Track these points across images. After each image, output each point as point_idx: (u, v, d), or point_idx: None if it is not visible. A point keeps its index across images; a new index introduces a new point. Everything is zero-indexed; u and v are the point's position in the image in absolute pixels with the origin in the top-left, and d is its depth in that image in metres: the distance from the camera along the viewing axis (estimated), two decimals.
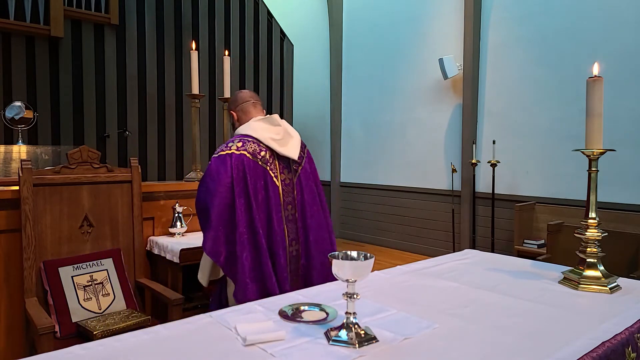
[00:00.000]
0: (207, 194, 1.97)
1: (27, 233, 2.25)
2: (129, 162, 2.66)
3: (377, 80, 7.10)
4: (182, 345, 1.20)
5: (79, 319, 2.19)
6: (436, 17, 6.29)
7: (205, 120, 5.87)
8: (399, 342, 1.21)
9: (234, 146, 2.03)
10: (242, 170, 1.98)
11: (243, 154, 2.01)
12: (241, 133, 2.12)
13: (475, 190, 5.83)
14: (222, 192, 1.94)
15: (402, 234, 6.78)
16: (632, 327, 1.33)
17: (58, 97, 4.93)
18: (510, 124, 5.57)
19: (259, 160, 2.04)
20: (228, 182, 1.95)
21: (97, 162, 2.52)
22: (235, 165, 1.97)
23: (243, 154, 2.01)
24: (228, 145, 2.04)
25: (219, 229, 1.94)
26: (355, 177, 7.51)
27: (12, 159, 3.78)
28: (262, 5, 6.49)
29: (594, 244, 1.72)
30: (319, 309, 1.44)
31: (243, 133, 2.11)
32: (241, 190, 1.96)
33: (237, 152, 2.00)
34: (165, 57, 5.61)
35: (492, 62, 5.73)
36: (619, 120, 4.57)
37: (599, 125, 1.70)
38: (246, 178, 1.98)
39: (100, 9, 5.08)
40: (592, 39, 4.85)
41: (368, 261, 1.19)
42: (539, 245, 4.88)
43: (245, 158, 2.00)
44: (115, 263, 2.44)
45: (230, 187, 1.95)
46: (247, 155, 2.01)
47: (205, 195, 1.98)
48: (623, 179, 4.62)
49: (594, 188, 1.73)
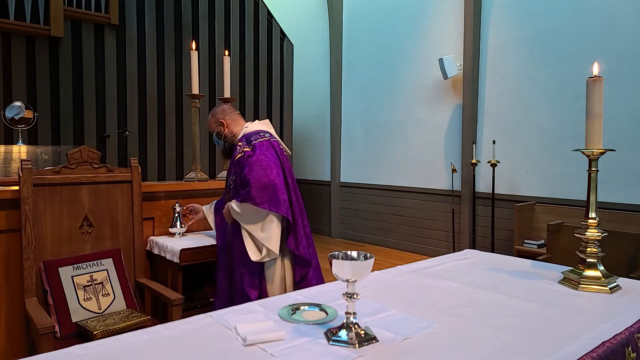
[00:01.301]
0: (267, 171, 2.29)
1: (27, 233, 2.25)
2: (129, 162, 2.66)
3: (377, 80, 7.10)
4: (182, 345, 1.20)
5: (79, 319, 2.19)
6: (436, 17, 6.29)
7: (205, 120, 5.84)
8: (399, 342, 1.21)
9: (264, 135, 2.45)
10: (276, 152, 2.42)
11: (272, 141, 2.47)
12: (253, 130, 2.50)
13: (475, 190, 5.83)
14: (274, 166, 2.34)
15: (402, 234, 6.78)
16: (632, 327, 1.33)
17: (58, 97, 4.93)
18: (510, 124, 5.57)
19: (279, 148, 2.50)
20: (274, 158, 2.37)
21: (97, 162, 2.52)
22: (272, 147, 2.43)
23: (272, 140, 2.47)
24: (259, 135, 2.44)
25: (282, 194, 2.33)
26: (355, 177, 7.51)
27: (12, 159, 3.78)
28: (262, 5, 6.49)
29: (594, 244, 1.72)
30: (319, 309, 1.44)
31: (255, 130, 2.50)
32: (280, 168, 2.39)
33: (270, 140, 2.45)
34: (165, 57, 5.60)
35: (492, 62, 5.73)
36: (619, 120, 4.57)
37: (599, 125, 1.70)
38: (280, 157, 2.43)
39: (100, 9, 5.07)
40: (592, 39, 4.85)
41: (368, 261, 1.19)
42: (539, 245, 4.88)
43: (274, 143, 2.48)
44: (115, 263, 2.44)
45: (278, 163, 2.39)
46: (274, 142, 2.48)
47: (266, 172, 2.29)
48: (623, 179, 4.62)
49: (594, 188, 1.73)
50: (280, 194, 2.31)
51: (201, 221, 2.95)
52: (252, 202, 2.26)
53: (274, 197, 2.28)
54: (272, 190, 2.28)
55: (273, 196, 2.28)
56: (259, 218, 2.32)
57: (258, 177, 2.27)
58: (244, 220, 2.34)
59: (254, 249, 2.33)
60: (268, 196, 2.27)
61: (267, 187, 2.27)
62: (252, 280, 2.34)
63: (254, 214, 2.31)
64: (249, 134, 2.49)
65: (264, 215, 2.32)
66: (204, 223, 2.96)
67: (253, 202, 2.26)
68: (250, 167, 2.30)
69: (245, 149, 2.39)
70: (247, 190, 2.27)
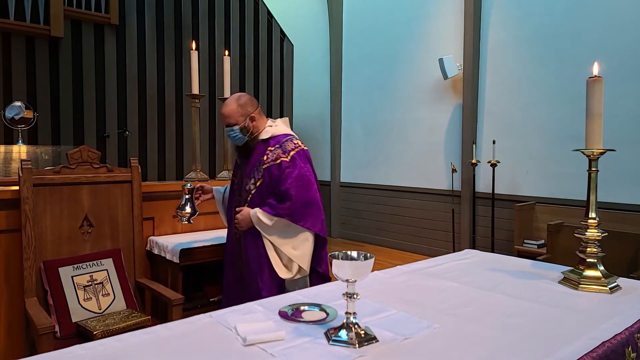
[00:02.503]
0: (308, 187, 2.22)
1: (27, 233, 2.25)
2: (129, 162, 2.65)
3: (377, 80, 7.10)
4: (182, 345, 1.20)
5: (79, 319, 2.19)
6: (436, 17, 6.29)
7: (205, 120, 5.87)
8: (399, 342, 1.21)
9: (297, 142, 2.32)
10: (310, 163, 2.33)
11: (305, 149, 2.34)
12: (282, 132, 2.35)
13: (475, 190, 5.83)
14: (314, 182, 2.27)
15: (402, 234, 6.78)
16: (632, 327, 1.33)
17: (58, 97, 4.93)
18: (510, 124, 5.57)
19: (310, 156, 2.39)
20: (311, 172, 2.29)
21: (97, 162, 2.51)
22: (307, 158, 2.33)
23: (305, 149, 2.34)
24: (294, 142, 2.31)
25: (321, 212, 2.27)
26: (355, 177, 7.51)
27: (12, 159, 3.78)
28: (262, 5, 6.49)
29: (594, 244, 1.72)
30: (319, 309, 1.44)
31: (283, 132, 2.35)
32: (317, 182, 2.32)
33: (303, 148, 2.33)
34: (165, 57, 5.60)
35: (492, 62, 5.73)
36: (619, 120, 4.56)
37: (599, 125, 1.70)
38: (313, 168, 2.34)
39: (100, 9, 5.07)
40: (592, 39, 4.84)
41: (368, 261, 1.19)
42: (539, 245, 4.88)
43: (307, 152, 2.35)
44: (115, 263, 2.44)
45: (314, 176, 2.30)
46: (306, 150, 2.35)
47: (307, 188, 2.21)
48: (623, 179, 4.62)
49: (594, 188, 1.73)
50: (320, 211, 2.24)
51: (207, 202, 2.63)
52: (291, 219, 2.18)
53: (314, 215, 2.22)
54: (313, 208, 2.22)
55: (313, 214, 2.21)
56: (291, 234, 2.22)
57: (300, 194, 2.18)
58: (271, 233, 2.21)
59: (281, 265, 2.23)
60: (309, 214, 2.20)
61: (308, 205, 2.20)
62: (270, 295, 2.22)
63: (287, 229, 2.21)
64: (279, 136, 2.33)
65: (298, 231, 2.22)
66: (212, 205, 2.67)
67: (291, 218, 2.18)
68: (291, 181, 2.19)
69: (282, 157, 2.25)
70: (285, 205, 2.17)
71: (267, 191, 2.25)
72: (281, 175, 2.22)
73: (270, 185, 2.25)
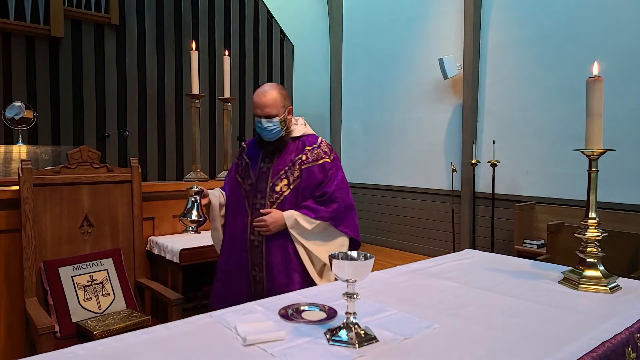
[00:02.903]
0: (348, 191, 2.18)
1: (27, 233, 2.25)
2: (129, 162, 2.66)
3: (377, 80, 7.10)
4: (182, 345, 1.20)
5: (79, 319, 2.19)
6: (436, 17, 6.29)
7: (205, 120, 5.86)
8: (399, 342, 1.21)
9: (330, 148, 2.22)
10: None
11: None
12: (310, 132, 2.23)
13: (475, 190, 5.83)
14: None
15: (402, 234, 6.78)
16: (632, 327, 1.33)
17: (58, 97, 4.93)
18: (510, 124, 5.56)
19: None
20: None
21: (97, 162, 2.52)
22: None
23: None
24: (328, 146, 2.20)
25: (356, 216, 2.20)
26: (355, 177, 7.51)
27: (12, 159, 3.78)
28: (262, 5, 6.48)
29: (594, 244, 1.72)
30: (319, 309, 1.44)
31: (314, 133, 2.24)
32: None
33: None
34: (165, 57, 5.60)
35: (492, 62, 5.73)
36: (619, 120, 4.56)
37: (599, 125, 1.70)
38: None
39: (100, 9, 5.07)
40: (592, 39, 4.84)
41: (368, 261, 1.19)
42: (539, 245, 4.88)
43: None
44: (115, 263, 2.44)
45: None
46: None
47: (348, 192, 2.17)
48: (623, 179, 4.62)
49: (594, 188, 1.73)
50: (356, 215, 2.17)
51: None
52: (333, 222, 2.07)
53: (352, 219, 2.14)
54: (352, 212, 2.15)
55: (352, 218, 2.14)
56: (328, 238, 2.10)
57: (344, 198, 2.10)
58: (309, 238, 2.06)
59: (315, 271, 2.09)
60: (349, 218, 2.12)
61: (349, 209, 2.13)
62: None
63: (324, 234, 2.09)
64: (309, 136, 2.19)
65: (336, 236, 2.11)
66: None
67: (334, 222, 2.07)
68: (337, 183, 2.11)
69: (325, 158, 2.13)
70: (331, 208, 2.06)
71: (304, 193, 2.08)
72: (324, 177, 2.10)
73: (308, 187, 2.09)
